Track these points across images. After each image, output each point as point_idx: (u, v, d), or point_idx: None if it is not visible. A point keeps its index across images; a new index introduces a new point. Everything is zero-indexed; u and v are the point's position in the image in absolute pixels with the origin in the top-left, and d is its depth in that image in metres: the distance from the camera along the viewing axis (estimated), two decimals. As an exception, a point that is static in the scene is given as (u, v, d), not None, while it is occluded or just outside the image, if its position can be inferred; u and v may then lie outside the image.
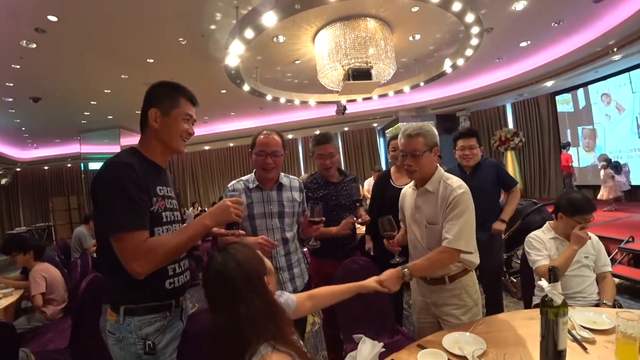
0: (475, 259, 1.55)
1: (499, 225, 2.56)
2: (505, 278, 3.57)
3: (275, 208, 1.78)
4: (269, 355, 0.82)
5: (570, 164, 7.50)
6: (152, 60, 5.08)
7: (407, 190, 1.77)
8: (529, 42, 6.00)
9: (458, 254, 1.44)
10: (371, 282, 1.38)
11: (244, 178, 1.84)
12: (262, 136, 1.76)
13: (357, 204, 2.11)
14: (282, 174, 1.87)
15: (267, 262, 1.06)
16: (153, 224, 1.14)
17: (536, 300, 1.93)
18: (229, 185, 1.83)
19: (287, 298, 1.23)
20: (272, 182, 1.81)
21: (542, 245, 1.88)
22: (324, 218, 1.71)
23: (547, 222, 2.03)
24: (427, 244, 1.57)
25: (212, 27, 4.28)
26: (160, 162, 1.28)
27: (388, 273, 1.41)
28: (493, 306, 2.54)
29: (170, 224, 1.24)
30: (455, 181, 1.53)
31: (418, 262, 1.47)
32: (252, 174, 1.84)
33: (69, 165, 11.99)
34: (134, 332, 1.11)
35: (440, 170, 1.60)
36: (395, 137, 2.49)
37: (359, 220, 2.11)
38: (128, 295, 1.13)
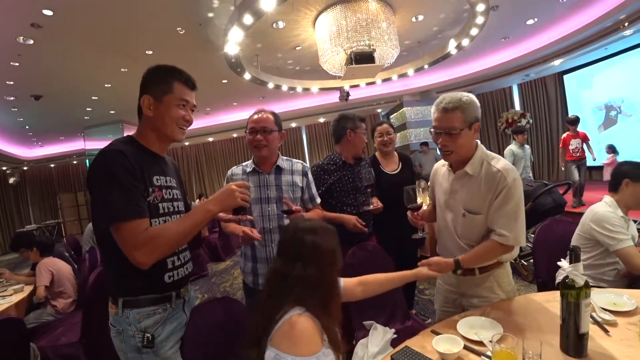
0: (508, 255, 1.41)
1: None
2: (516, 261, 3.53)
3: (273, 193, 1.71)
4: (298, 316, 0.90)
5: (569, 148, 5.61)
6: (151, 52, 5.02)
7: (440, 169, 1.55)
8: (535, 19, 5.80)
9: (513, 249, 1.33)
10: (422, 269, 1.34)
11: (244, 163, 1.82)
12: (255, 115, 1.72)
13: (369, 190, 2.05)
14: (283, 157, 1.81)
15: None
16: (149, 216, 1.09)
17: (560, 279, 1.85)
18: (229, 171, 1.82)
19: None
20: (269, 165, 1.75)
21: (622, 222, 1.69)
22: (299, 207, 1.65)
23: (608, 198, 1.80)
24: (460, 233, 1.42)
25: (210, 14, 4.19)
26: (157, 150, 1.21)
27: (436, 260, 1.34)
28: None
29: (169, 215, 1.18)
30: (502, 163, 1.32)
31: (469, 255, 1.33)
32: (252, 159, 1.81)
33: (75, 162, 12.02)
34: (133, 325, 1.09)
35: (482, 148, 1.39)
36: (380, 123, 2.61)
37: (371, 207, 2.06)
38: (125, 287, 1.10)
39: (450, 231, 1.45)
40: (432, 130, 1.40)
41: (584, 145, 5.60)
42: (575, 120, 5.61)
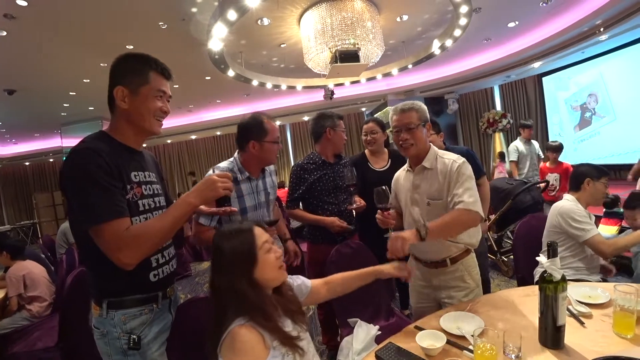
0: (473, 238, 1.54)
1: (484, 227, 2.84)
2: (496, 257, 3.62)
3: (262, 197, 1.72)
4: (239, 328, 0.89)
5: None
6: (131, 47, 4.87)
7: (400, 174, 1.72)
8: (517, 22, 5.94)
9: (477, 217, 1.38)
10: (389, 267, 1.32)
11: (222, 166, 1.66)
12: (270, 121, 1.65)
13: (351, 189, 2.07)
14: None
15: (270, 242, 1.05)
16: (129, 214, 1.05)
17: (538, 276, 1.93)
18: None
19: (301, 282, 1.23)
20: (260, 172, 1.73)
21: (587, 214, 1.85)
22: (278, 219, 1.69)
23: (569, 196, 1.96)
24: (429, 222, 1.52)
25: (193, 9, 4.10)
26: (134, 144, 1.16)
27: (400, 240, 1.28)
28: (483, 286, 2.57)
29: (150, 212, 1.14)
30: (451, 155, 1.52)
31: (436, 223, 1.33)
32: (235, 163, 1.68)
33: (51, 160, 11.62)
34: (118, 326, 1.06)
35: (434, 147, 1.58)
36: (367, 122, 2.57)
37: (353, 206, 2.06)
38: (110, 288, 1.06)
39: (420, 223, 1.48)
40: (392, 131, 1.57)
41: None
42: (559, 148, 4.23)
